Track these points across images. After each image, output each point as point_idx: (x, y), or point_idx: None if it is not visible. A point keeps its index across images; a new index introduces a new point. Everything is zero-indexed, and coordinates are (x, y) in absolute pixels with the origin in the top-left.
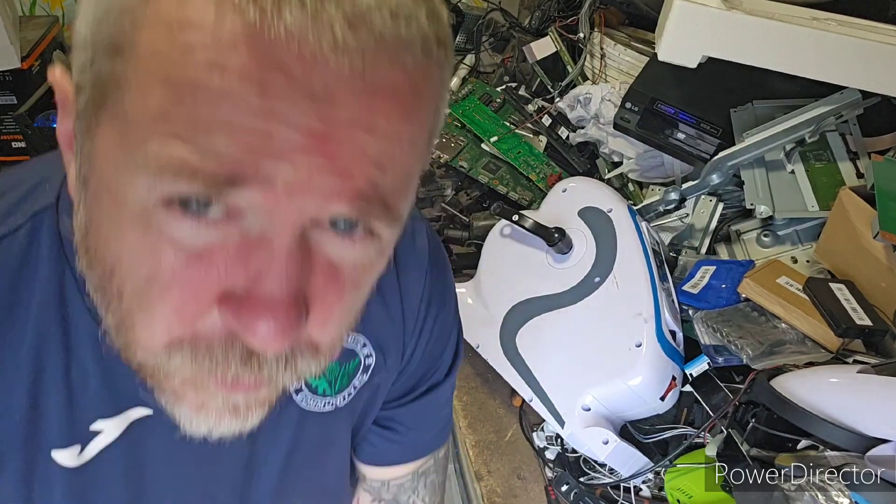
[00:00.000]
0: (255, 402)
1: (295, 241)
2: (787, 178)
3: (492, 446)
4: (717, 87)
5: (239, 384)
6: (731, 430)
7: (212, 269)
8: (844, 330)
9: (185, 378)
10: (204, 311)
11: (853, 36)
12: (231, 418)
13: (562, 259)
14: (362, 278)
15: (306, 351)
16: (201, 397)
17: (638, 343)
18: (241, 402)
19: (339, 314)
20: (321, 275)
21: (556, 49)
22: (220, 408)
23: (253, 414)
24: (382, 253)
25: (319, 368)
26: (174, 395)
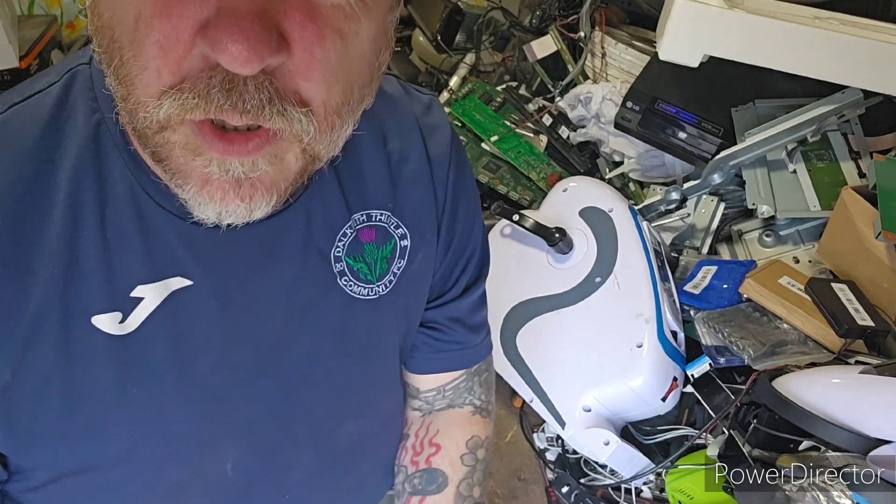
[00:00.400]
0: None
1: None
2: (789, 177)
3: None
4: (719, 86)
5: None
6: (733, 431)
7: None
8: (846, 330)
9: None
10: (187, 49)
11: (855, 35)
12: (235, 196)
13: (562, 259)
14: (345, 26)
15: (294, 101)
16: (199, 168)
17: (639, 343)
18: (241, 173)
19: (323, 64)
20: (297, 9)
21: (556, 48)
22: (221, 179)
23: (256, 194)
24: (364, 3)
25: (315, 132)
26: (180, 174)
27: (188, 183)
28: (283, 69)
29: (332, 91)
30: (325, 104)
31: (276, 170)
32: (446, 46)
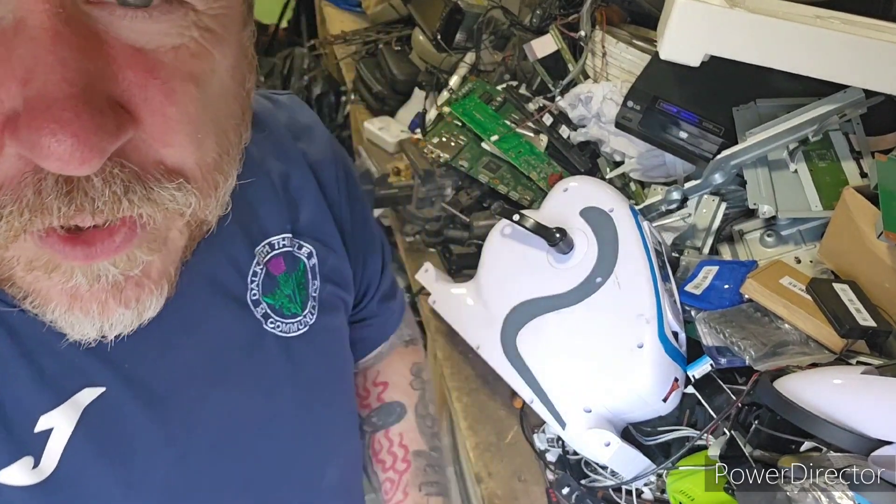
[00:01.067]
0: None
1: (60, 17)
2: (791, 177)
3: (492, 448)
4: (720, 85)
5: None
6: (734, 432)
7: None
8: (848, 331)
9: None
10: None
11: (857, 34)
12: (118, 304)
13: (563, 259)
14: (196, 68)
15: (162, 177)
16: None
17: (640, 344)
18: (114, 274)
19: (182, 121)
20: (129, 67)
21: (557, 47)
22: (95, 290)
23: (143, 294)
24: (214, 35)
25: (197, 201)
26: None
27: (49, 303)
28: (136, 143)
29: (203, 147)
30: (200, 165)
31: (161, 256)
32: (446, 45)
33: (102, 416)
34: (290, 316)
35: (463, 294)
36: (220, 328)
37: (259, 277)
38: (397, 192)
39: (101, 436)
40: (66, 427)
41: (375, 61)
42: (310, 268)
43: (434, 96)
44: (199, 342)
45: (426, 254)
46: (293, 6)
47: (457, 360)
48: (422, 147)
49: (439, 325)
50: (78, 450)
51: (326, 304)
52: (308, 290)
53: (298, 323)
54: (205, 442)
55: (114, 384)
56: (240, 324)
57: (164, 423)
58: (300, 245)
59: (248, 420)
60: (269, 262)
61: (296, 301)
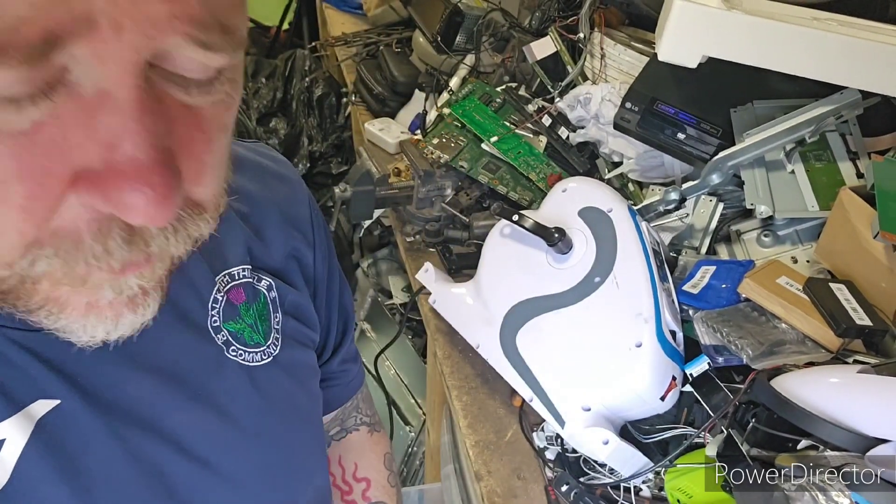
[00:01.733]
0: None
1: (141, 89)
2: (787, 178)
3: (492, 446)
4: (718, 87)
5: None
6: (732, 430)
7: (52, 151)
8: (844, 330)
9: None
10: (56, 204)
11: (854, 36)
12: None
13: (562, 259)
14: (225, 118)
15: (192, 212)
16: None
17: (638, 343)
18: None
19: (212, 164)
20: (181, 123)
21: (556, 49)
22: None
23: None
24: (235, 83)
25: (209, 227)
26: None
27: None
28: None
29: (218, 182)
30: (215, 197)
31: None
32: (446, 47)
33: (57, 429)
34: (252, 345)
35: (463, 293)
36: (181, 351)
37: (220, 304)
38: (398, 193)
39: (56, 449)
40: (20, 439)
41: (376, 63)
42: (270, 300)
43: (434, 98)
44: (158, 363)
45: (426, 254)
46: (294, 8)
47: (456, 359)
48: (422, 148)
49: (439, 325)
50: (32, 463)
51: (290, 337)
52: (270, 322)
53: (262, 353)
54: (162, 463)
55: (69, 397)
56: (200, 348)
57: (122, 441)
58: (259, 278)
59: (207, 445)
60: (230, 291)
61: (258, 331)
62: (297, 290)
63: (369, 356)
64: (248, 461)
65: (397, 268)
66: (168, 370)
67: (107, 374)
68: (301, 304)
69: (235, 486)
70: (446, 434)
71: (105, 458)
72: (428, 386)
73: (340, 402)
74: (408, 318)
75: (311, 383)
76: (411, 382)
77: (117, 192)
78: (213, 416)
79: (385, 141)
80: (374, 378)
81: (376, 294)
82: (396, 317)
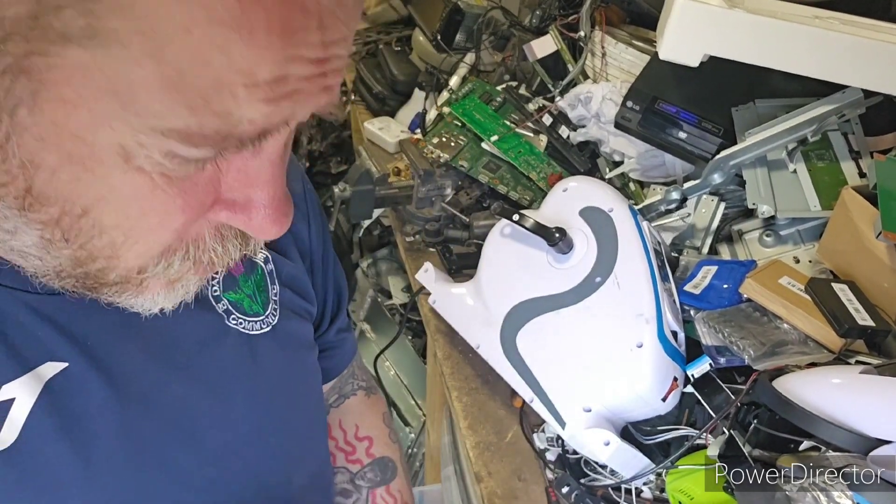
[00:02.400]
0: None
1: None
2: (789, 177)
3: (492, 448)
4: (719, 85)
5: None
6: (733, 431)
7: (209, 188)
8: (847, 330)
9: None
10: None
11: (856, 35)
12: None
13: (562, 259)
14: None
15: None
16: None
17: (639, 343)
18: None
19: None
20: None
21: (556, 47)
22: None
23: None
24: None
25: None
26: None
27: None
28: None
29: None
30: None
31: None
32: (446, 46)
33: (64, 391)
34: (252, 314)
35: (463, 294)
36: (182, 319)
37: (220, 275)
38: (397, 192)
39: (63, 411)
40: (28, 398)
41: (376, 62)
42: (267, 272)
43: (434, 96)
44: (161, 330)
45: (426, 253)
46: None
47: (457, 360)
48: (422, 147)
49: (439, 325)
50: (39, 422)
51: (288, 308)
52: (269, 293)
53: (261, 322)
54: (162, 429)
55: (77, 360)
56: (202, 317)
57: (125, 405)
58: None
59: (207, 411)
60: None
61: (257, 301)
62: (293, 262)
63: (369, 356)
64: (246, 430)
65: (397, 268)
66: (170, 336)
67: (111, 339)
68: (297, 277)
69: (232, 456)
70: (446, 435)
71: (109, 423)
72: (428, 387)
73: (338, 371)
74: (408, 318)
75: (308, 354)
76: (411, 383)
77: (258, 219)
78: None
79: (385, 140)
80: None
81: (376, 294)
82: (396, 317)
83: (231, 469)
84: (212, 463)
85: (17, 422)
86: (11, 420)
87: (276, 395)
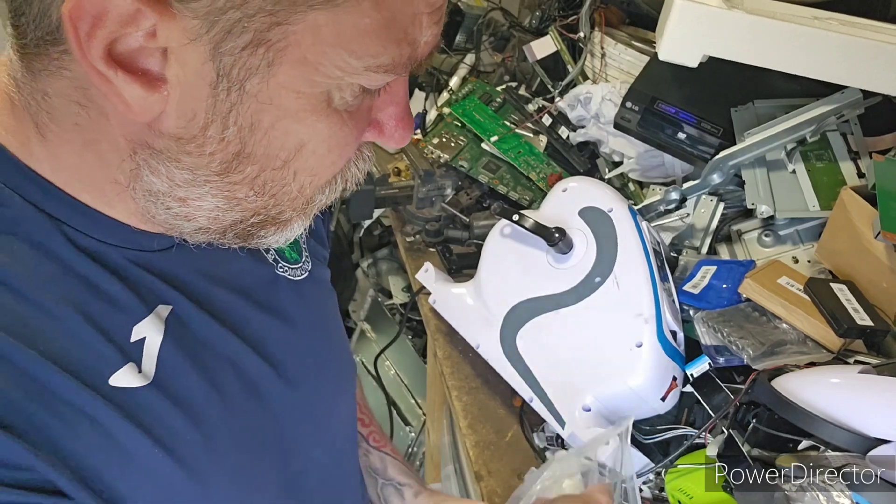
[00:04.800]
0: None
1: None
2: (788, 177)
3: (492, 447)
4: (718, 86)
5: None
6: (732, 431)
7: (367, 114)
8: (846, 330)
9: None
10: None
11: (855, 35)
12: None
13: (562, 259)
14: None
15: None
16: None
17: (639, 343)
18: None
19: None
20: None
21: (556, 48)
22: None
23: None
24: None
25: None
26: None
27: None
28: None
29: None
30: None
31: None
32: (446, 47)
33: (180, 327)
34: (293, 262)
35: (463, 294)
36: (245, 270)
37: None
38: (398, 192)
39: (184, 346)
40: (157, 336)
41: None
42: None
43: (434, 97)
44: (232, 276)
45: (426, 254)
46: None
47: (457, 360)
48: (422, 147)
49: (439, 325)
50: (172, 356)
51: (314, 255)
52: (300, 242)
53: (300, 269)
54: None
55: (179, 302)
56: (258, 266)
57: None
58: None
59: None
60: None
61: (295, 250)
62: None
63: (369, 356)
64: (309, 361)
65: (397, 268)
66: (238, 286)
67: (201, 287)
68: (317, 224)
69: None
70: (446, 434)
71: (215, 356)
72: (428, 386)
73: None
74: (408, 318)
75: (333, 298)
76: (411, 382)
77: (397, 130)
78: (280, 322)
79: None
80: (373, 378)
81: (376, 294)
82: (396, 317)
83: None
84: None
85: (152, 357)
86: (149, 355)
87: (324, 333)
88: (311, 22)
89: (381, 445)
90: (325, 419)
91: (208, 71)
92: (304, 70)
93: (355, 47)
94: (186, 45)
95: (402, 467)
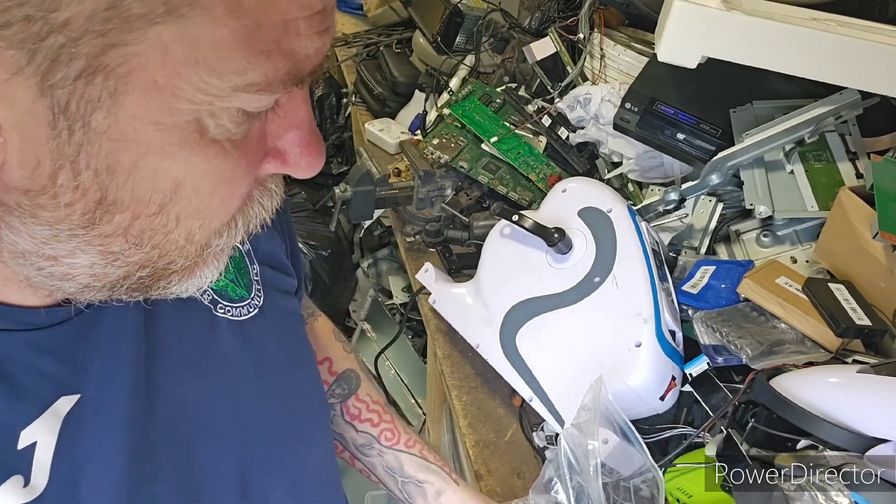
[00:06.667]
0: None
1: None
2: (787, 178)
3: (492, 446)
4: (717, 87)
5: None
6: (731, 430)
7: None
8: (844, 330)
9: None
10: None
11: (853, 36)
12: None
13: (562, 259)
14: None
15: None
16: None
17: (638, 343)
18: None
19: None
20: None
21: (555, 49)
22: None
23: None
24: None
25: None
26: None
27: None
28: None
29: None
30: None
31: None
32: (446, 48)
33: (84, 422)
34: (237, 300)
35: (463, 293)
36: (176, 316)
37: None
38: (398, 193)
39: (85, 444)
40: (49, 439)
41: (376, 63)
42: (245, 252)
43: (434, 98)
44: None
45: (426, 254)
46: None
47: (456, 359)
48: (422, 148)
49: (439, 324)
50: (69, 461)
51: (271, 286)
52: (250, 274)
53: (248, 306)
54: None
55: (87, 386)
56: (191, 313)
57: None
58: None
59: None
60: None
61: (240, 285)
62: (269, 239)
63: (369, 356)
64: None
65: (397, 268)
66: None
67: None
68: (275, 252)
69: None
70: (446, 433)
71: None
72: (428, 386)
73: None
74: (408, 318)
75: (298, 329)
76: (411, 382)
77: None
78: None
79: (385, 141)
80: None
81: (376, 294)
82: (396, 317)
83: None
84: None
85: (44, 465)
86: (39, 464)
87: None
88: (154, 40)
89: (393, 443)
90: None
91: (41, 109)
92: (159, 97)
93: (215, 64)
94: (8, 81)
95: (420, 462)
